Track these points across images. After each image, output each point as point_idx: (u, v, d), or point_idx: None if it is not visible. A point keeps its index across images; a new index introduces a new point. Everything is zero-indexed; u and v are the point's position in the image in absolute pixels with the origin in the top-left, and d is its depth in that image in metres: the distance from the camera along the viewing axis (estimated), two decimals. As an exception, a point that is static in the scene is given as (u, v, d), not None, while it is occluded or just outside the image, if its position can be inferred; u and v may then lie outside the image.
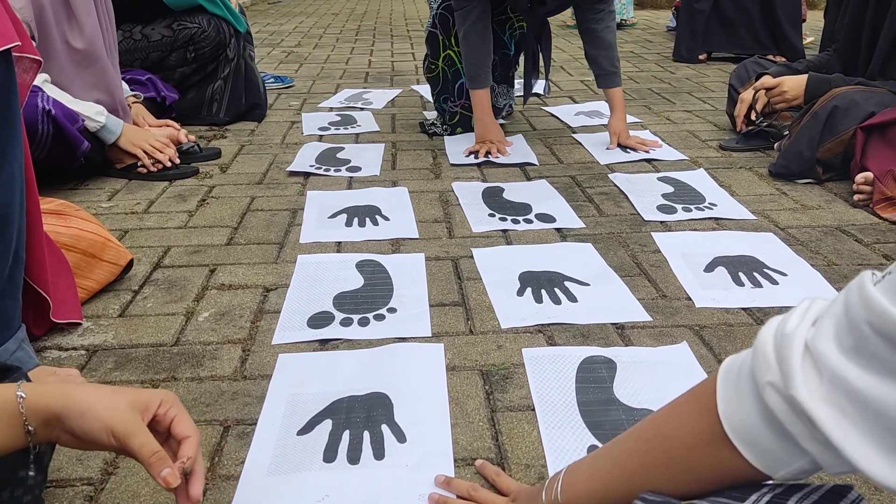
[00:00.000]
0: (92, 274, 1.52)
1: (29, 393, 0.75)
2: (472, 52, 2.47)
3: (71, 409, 0.75)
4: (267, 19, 6.83)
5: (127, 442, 0.75)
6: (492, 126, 2.53)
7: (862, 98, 2.12)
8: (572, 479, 0.82)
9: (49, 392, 0.76)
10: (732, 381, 0.64)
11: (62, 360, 1.33)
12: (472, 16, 2.42)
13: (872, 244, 1.80)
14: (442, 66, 2.67)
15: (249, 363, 1.32)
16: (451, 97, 2.71)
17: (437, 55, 2.67)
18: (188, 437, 0.81)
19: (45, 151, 1.99)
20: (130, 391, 0.81)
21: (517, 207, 2.05)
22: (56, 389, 0.77)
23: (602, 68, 2.60)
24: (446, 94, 2.73)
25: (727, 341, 1.38)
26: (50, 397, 0.76)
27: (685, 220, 1.96)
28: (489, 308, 1.51)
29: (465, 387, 1.25)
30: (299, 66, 4.33)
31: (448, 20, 2.59)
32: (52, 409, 0.75)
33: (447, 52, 2.65)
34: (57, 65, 2.15)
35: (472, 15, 2.42)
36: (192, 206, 2.10)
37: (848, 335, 0.55)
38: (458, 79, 2.67)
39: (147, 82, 2.73)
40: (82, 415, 0.75)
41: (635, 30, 5.79)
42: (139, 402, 0.79)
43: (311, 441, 1.11)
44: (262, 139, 2.79)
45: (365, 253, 1.76)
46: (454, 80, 2.68)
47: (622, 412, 1.17)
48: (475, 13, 2.42)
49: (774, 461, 0.62)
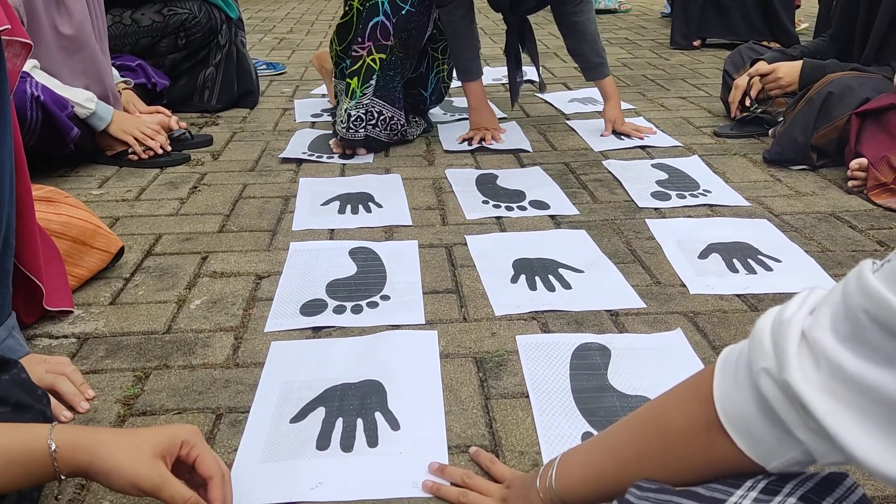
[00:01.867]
0: (82, 262, 1.51)
1: (61, 446, 0.76)
2: (462, 47, 2.42)
3: (97, 466, 0.77)
4: (259, 5, 6.77)
5: (157, 495, 0.78)
6: (486, 113, 2.51)
7: (857, 84, 2.12)
8: (566, 467, 0.82)
9: (79, 446, 0.77)
10: (730, 369, 0.64)
11: (53, 347, 1.32)
12: (459, 11, 2.37)
13: (867, 230, 1.80)
14: (357, 5, 2.30)
15: (242, 351, 1.32)
16: (360, 38, 2.30)
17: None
18: (212, 477, 0.82)
19: (34, 138, 1.97)
20: (153, 434, 0.81)
21: (511, 194, 2.05)
22: (85, 442, 0.78)
23: (589, 61, 2.50)
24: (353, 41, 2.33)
25: (721, 328, 1.38)
26: (80, 452, 0.77)
27: (679, 206, 1.96)
28: (483, 295, 1.50)
29: (458, 374, 1.24)
30: (291, 53, 4.30)
31: None
32: (80, 465, 0.77)
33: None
34: (46, 50, 2.12)
35: (458, 10, 2.37)
36: (184, 193, 2.09)
37: (845, 323, 0.54)
38: (375, 16, 2.26)
39: (137, 68, 2.71)
40: (108, 473, 0.77)
41: (629, 16, 5.77)
42: (161, 448, 0.79)
43: (305, 429, 1.10)
44: (254, 126, 2.77)
45: (358, 240, 1.75)
46: (368, 19, 2.27)
47: (616, 399, 1.17)
48: (461, 10, 2.37)
49: (767, 451, 0.61)
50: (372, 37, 2.28)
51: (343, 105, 2.36)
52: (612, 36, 4.80)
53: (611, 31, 5.02)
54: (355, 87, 2.33)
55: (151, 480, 0.77)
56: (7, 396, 0.84)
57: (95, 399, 1.17)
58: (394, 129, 2.41)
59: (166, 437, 0.81)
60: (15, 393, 0.85)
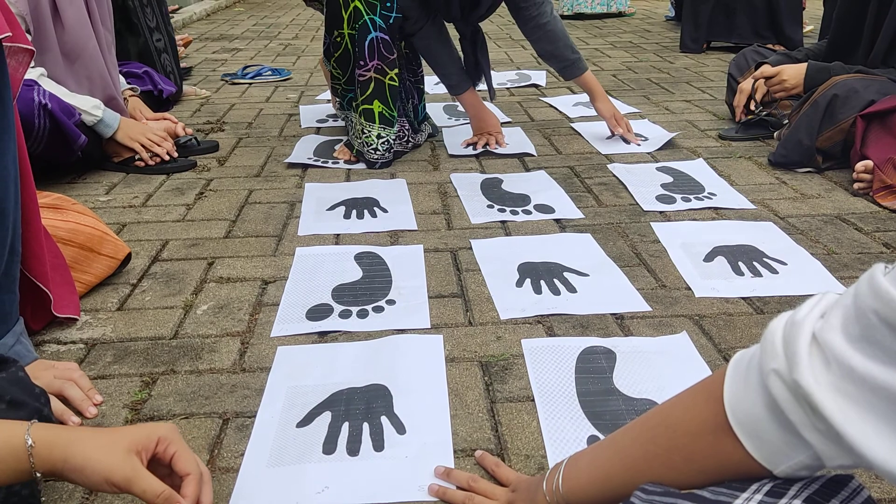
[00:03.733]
0: (90, 268, 1.52)
1: (37, 442, 0.76)
2: (443, 65, 2.41)
3: (72, 462, 0.76)
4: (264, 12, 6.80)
5: (129, 489, 0.77)
6: (487, 117, 2.51)
7: (862, 86, 2.12)
8: (573, 470, 0.82)
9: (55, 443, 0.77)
10: (741, 372, 0.65)
11: (61, 353, 1.33)
12: (430, 33, 2.35)
13: (872, 232, 1.80)
14: (348, 31, 2.24)
15: (248, 356, 1.32)
16: (361, 60, 2.23)
17: (340, 23, 2.25)
18: (189, 474, 0.81)
19: (42, 146, 1.99)
20: (129, 432, 0.81)
21: (516, 198, 2.05)
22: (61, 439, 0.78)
23: (566, 59, 2.41)
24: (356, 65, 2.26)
25: (727, 331, 1.38)
26: (57, 449, 0.77)
27: (684, 209, 1.96)
28: (488, 299, 1.50)
29: (464, 378, 1.24)
30: (296, 59, 4.31)
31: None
32: (55, 462, 0.77)
33: (353, 5, 2.19)
34: (52, 58, 2.14)
35: (430, 33, 2.35)
36: (190, 199, 2.10)
37: (855, 324, 0.55)
38: (368, 33, 2.19)
39: (143, 75, 2.73)
40: (82, 469, 0.76)
41: (633, 20, 5.77)
42: (136, 443, 0.79)
43: (311, 433, 1.10)
44: (259, 132, 2.78)
45: (363, 245, 1.76)
46: (363, 39, 2.20)
47: (622, 402, 1.17)
48: (432, 31, 2.35)
49: (775, 453, 0.62)
50: (374, 55, 2.21)
51: (372, 132, 2.28)
52: (616, 40, 4.80)
53: (615, 34, 5.02)
54: (383, 110, 2.26)
55: (123, 474, 0.76)
56: (2, 394, 0.84)
57: (103, 404, 1.18)
58: (402, 137, 2.44)
59: (142, 433, 0.81)
60: (11, 391, 0.85)
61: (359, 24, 2.19)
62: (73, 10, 2.16)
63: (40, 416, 0.87)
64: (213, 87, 3.56)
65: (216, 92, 3.47)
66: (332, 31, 2.31)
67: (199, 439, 1.10)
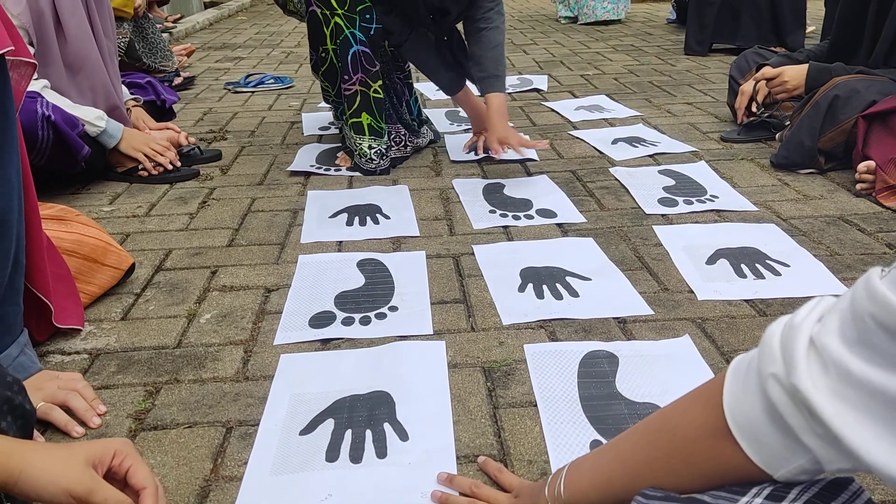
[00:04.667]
0: (94, 279, 1.53)
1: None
2: (434, 70, 2.39)
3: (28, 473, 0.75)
4: (266, 20, 6.83)
5: (89, 500, 0.76)
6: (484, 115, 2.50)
7: (863, 86, 2.11)
8: (575, 475, 0.82)
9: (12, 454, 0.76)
10: (740, 376, 0.65)
11: (65, 364, 1.34)
12: (418, 44, 2.34)
13: (875, 233, 1.79)
14: (332, 47, 2.25)
15: (251, 364, 1.33)
16: (346, 74, 2.24)
17: (324, 39, 2.25)
18: (144, 488, 0.81)
19: (45, 157, 2.00)
20: (85, 446, 0.81)
21: (518, 203, 2.05)
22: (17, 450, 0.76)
23: (484, 69, 2.30)
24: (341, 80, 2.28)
25: (730, 334, 1.37)
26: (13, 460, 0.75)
27: (686, 212, 1.96)
28: (490, 304, 1.51)
29: (466, 384, 1.25)
30: (299, 67, 4.33)
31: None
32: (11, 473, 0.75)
33: (333, 21, 2.20)
34: (56, 70, 2.15)
35: (418, 44, 2.34)
36: (193, 208, 2.10)
37: (852, 328, 0.55)
38: (350, 47, 2.21)
39: (147, 86, 2.74)
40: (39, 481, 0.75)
41: (635, 23, 5.77)
42: (93, 457, 0.79)
43: (314, 441, 1.11)
44: (262, 140, 2.79)
45: (366, 252, 1.76)
46: (345, 54, 2.22)
47: (625, 406, 1.17)
48: (420, 42, 2.34)
49: (774, 457, 0.62)
50: (357, 69, 2.23)
51: (363, 143, 2.32)
52: (618, 43, 4.80)
53: (616, 38, 5.03)
54: (371, 122, 2.30)
55: (84, 484, 0.76)
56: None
57: (107, 414, 1.19)
58: (398, 142, 2.44)
59: (98, 447, 0.81)
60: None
61: (340, 39, 2.22)
62: (75, 22, 2.18)
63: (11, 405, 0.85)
64: (216, 97, 3.57)
65: (219, 101, 3.48)
66: (317, 47, 2.32)
67: (202, 448, 1.11)
